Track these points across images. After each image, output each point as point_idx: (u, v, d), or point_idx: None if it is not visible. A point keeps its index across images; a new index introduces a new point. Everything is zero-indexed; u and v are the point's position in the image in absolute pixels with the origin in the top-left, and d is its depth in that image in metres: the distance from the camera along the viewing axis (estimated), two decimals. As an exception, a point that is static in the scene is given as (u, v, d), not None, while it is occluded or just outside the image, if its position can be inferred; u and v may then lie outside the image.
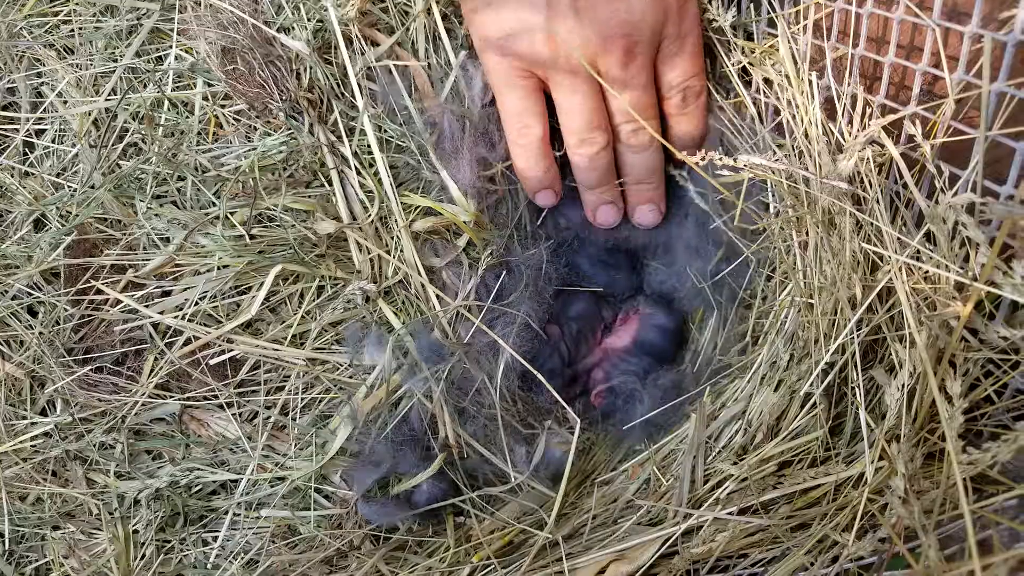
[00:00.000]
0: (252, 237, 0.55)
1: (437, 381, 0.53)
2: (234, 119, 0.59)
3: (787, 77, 0.56)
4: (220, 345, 0.55)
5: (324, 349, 0.57)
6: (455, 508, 0.57)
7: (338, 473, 0.56)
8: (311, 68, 0.57)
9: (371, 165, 0.57)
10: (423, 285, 0.56)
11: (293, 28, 0.57)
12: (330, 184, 0.57)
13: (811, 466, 0.52)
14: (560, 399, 0.55)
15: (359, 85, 0.57)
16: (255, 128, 0.58)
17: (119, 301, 0.56)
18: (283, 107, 0.56)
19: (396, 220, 0.56)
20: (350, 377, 0.56)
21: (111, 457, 0.57)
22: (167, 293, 0.56)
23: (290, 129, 0.56)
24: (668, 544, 0.51)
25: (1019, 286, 0.39)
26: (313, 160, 0.56)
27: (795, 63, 0.56)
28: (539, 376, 0.55)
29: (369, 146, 0.57)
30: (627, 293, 0.67)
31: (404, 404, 0.55)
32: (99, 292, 0.56)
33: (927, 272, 0.46)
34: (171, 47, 0.60)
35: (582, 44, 0.52)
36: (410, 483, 0.54)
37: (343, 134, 0.57)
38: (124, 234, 0.57)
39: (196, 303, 0.55)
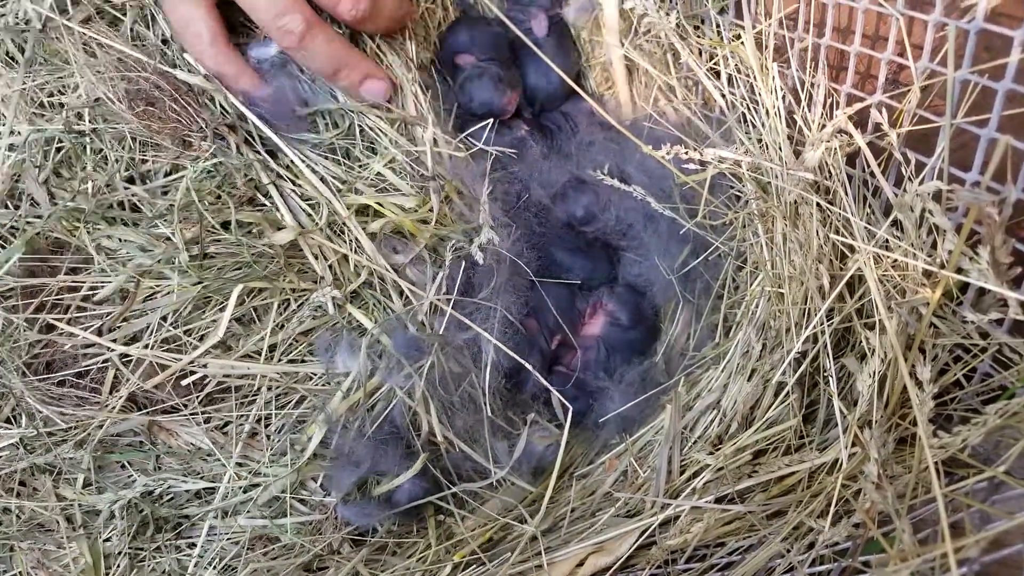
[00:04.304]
0: (207, 257, 0.53)
1: (419, 376, 0.53)
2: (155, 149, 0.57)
3: (752, 69, 0.56)
4: (188, 368, 0.54)
5: (295, 361, 0.56)
6: (436, 507, 0.57)
7: (319, 481, 0.55)
8: (217, 96, 0.56)
9: (305, 173, 0.56)
10: (382, 278, 0.55)
11: (178, 60, 0.56)
12: (270, 200, 0.56)
13: (785, 454, 0.52)
14: (553, 390, 0.56)
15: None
16: (181, 157, 0.57)
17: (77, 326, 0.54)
18: (204, 135, 0.55)
19: (344, 219, 0.55)
20: (323, 385, 0.55)
21: (79, 469, 0.55)
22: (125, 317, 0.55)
23: (216, 153, 0.55)
24: (646, 535, 0.52)
25: (985, 271, 0.40)
26: (249, 178, 0.55)
27: (760, 54, 0.56)
28: (530, 368, 0.54)
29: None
30: (603, 283, 0.67)
31: (382, 405, 0.54)
32: (54, 308, 0.54)
33: (895, 260, 0.46)
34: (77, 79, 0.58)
35: None
36: (392, 483, 0.53)
37: (261, 152, 0.56)
38: (77, 253, 0.55)
39: (158, 326, 0.54)
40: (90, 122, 0.56)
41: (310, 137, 0.57)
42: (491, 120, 0.64)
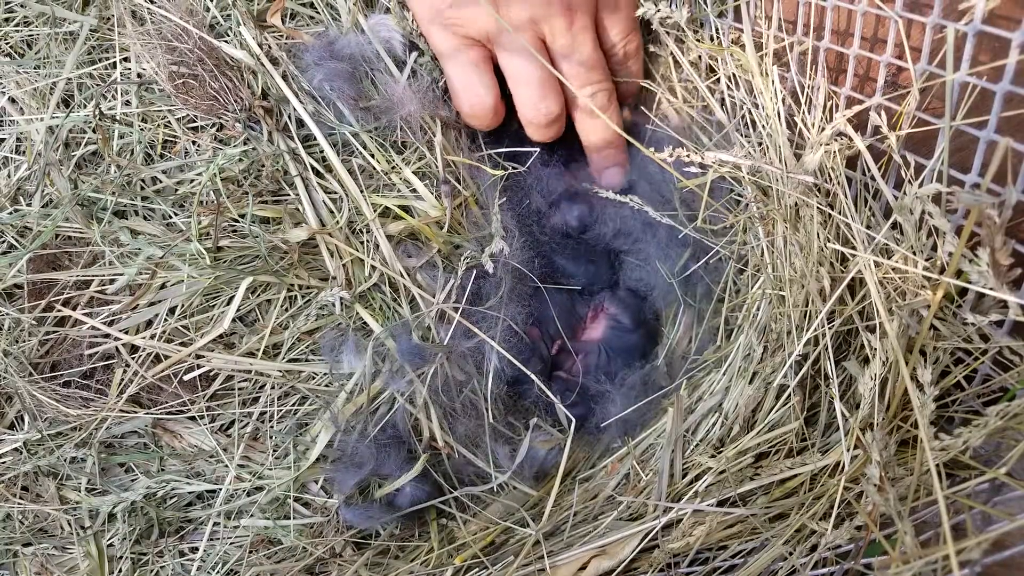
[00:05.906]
0: (220, 249, 0.54)
1: (422, 383, 0.53)
2: (189, 130, 0.58)
3: (751, 72, 0.56)
4: (192, 361, 0.54)
5: (299, 360, 0.56)
6: (438, 510, 0.57)
7: (319, 483, 0.55)
8: (260, 76, 0.56)
9: (337, 169, 0.56)
10: (393, 281, 0.55)
11: (228, 34, 0.56)
12: (295, 192, 0.56)
13: (787, 457, 0.52)
14: (556, 400, 0.56)
15: (295, 93, 0.56)
16: (214, 139, 0.57)
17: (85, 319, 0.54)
18: (239, 117, 0.54)
19: (368, 221, 0.55)
20: (327, 385, 0.55)
21: (83, 472, 0.56)
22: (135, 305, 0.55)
23: (248, 139, 0.55)
24: (648, 538, 0.52)
25: (985, 273, 0.40)
26: (276, 169, 0.55)
27: (760, 58, 0.56)
28: (534, 377, 0.55)
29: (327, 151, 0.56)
30: (604, 287, 0.67)
31: (385, 408, 0.54)
32: (65, 304, 0.55)
33: (895, 263, 0.46)
34: (122, 59, 0.58)
35: (526, 9, 0.53)
36: (394, 485, 0.53)
37: (295, 139, 0.56)
38: (87, 248, 0.55)
39: (165, 319, 0.54)
40: (124, 103, 0.57)
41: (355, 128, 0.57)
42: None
